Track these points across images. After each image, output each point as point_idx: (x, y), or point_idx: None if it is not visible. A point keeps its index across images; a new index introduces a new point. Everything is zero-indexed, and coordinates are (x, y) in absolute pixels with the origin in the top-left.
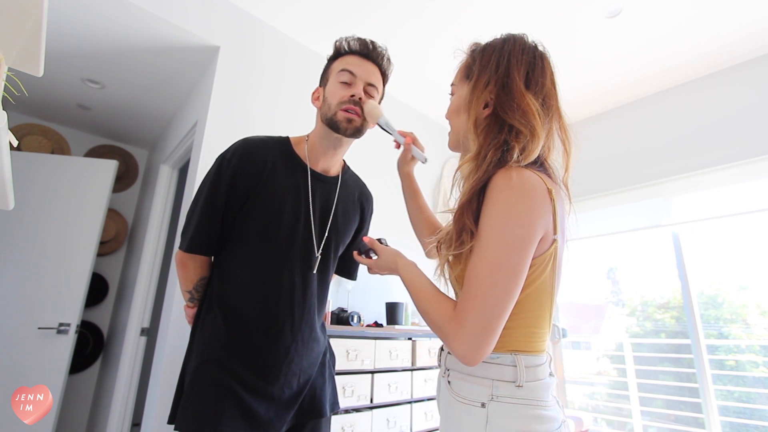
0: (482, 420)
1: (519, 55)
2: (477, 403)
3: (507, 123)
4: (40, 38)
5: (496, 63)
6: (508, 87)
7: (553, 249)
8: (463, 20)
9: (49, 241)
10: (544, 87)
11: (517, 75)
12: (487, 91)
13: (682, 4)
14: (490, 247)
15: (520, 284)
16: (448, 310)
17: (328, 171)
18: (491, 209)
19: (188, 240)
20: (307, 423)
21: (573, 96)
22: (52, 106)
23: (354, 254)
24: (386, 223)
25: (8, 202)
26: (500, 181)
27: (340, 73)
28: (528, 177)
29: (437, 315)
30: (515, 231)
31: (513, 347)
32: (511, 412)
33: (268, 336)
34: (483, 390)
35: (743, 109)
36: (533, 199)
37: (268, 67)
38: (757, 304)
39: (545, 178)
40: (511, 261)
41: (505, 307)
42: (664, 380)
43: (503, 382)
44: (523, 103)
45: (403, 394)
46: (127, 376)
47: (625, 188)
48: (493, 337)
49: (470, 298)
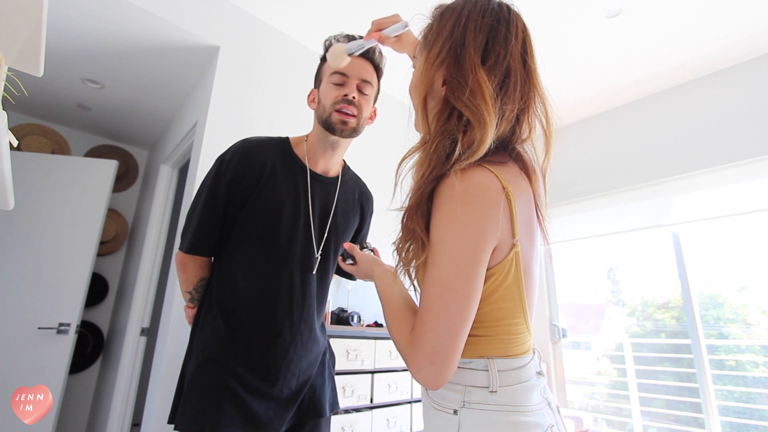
0: (454, 427)
1: (478, 20)
2: (449, 410)
3: (455, 107)
4: (40, 38)
5: (450, 29)
6: (460, 60)
7: (513, 254)
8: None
9: (49, 241)
10: (504, 60)
11: (472, 45)
12: (438, 65)
13: (682, 5)
14: (437, 266)
15: (473, 304)
16: (407, 333)
17: (328, 171)
18: (437, 221)
19: (188, 241)
20: (307, 423)
21: (572, 96)
22: (52, 106)
23: (338, 260)
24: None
25: (8, 202)
26: (445, 187)
27: (332, 75)
28: (476, 181)
29: (398, 336)
30: (462, 248)
31: (485, 353)
32: (483, 418)
33: (267, 336)
34: (455, 396)
35: (743, 110)
36: (482, 208)
37: (268, 67)
38: (758, 304)
39: (502, 174)
40: (460, 281)
41: (458, 330)
42: (664, 380)
43: (476, 387)
44: (473, 82)
45: (403, 394)
46: (127, 376)
47: (626, 188)
48: (450, 361)
49: (422, 322)
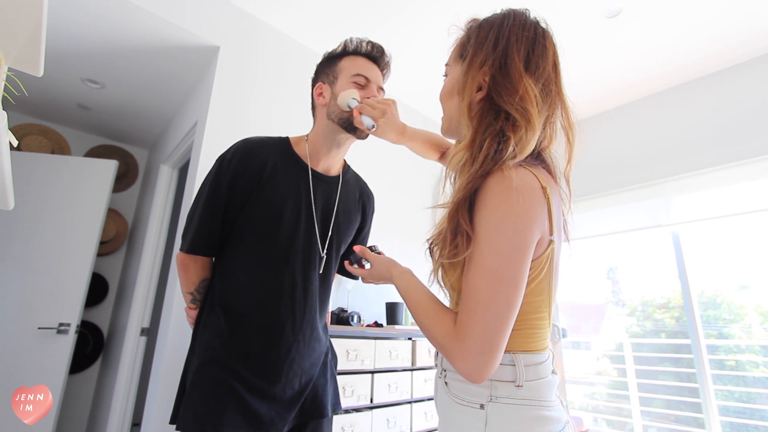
0: (481, 422)
1: (519, 33)
2: (476, 405)
3: (503, 109)
4: (40, 38)
5: (494, 41)
6: (506, 68)
7: (550, 250)
8: (464, 20)
9: (49, 241)
10: (545, 70)
11: (517, 55)
12: (481, 72)
13: (682, 5)
14: (487, 257)
15: (521, 294)
16: (448, 326)
17: (329, 170)
18: (485, 213)
19: (189, 241)
20: (309, 423)
21: (572, 96)
22: (52, 106)
23: (345, 264)
24: (387, 223)
25: (8, 202)
26: (494, 182)
27: (355, 76)
28: (523, 177)
29: (437, 331)
30: (512, 239)
31: (511, 347)
32: (511, 413)
33: (269, 336)
34: (482, 391)
35: (743, 110)
36: (529, 203)
37: (268, 67)
38: (757, 304)
39: (540, 175)
40: (510, 271)
41: (507, 320)
42: (664, 380)
43: (502, 382)
44: (521, 88)
45: (403, 394)
46: (127, 376)
47: (625, 188)
48: (498, 353)
49: (470, 313)
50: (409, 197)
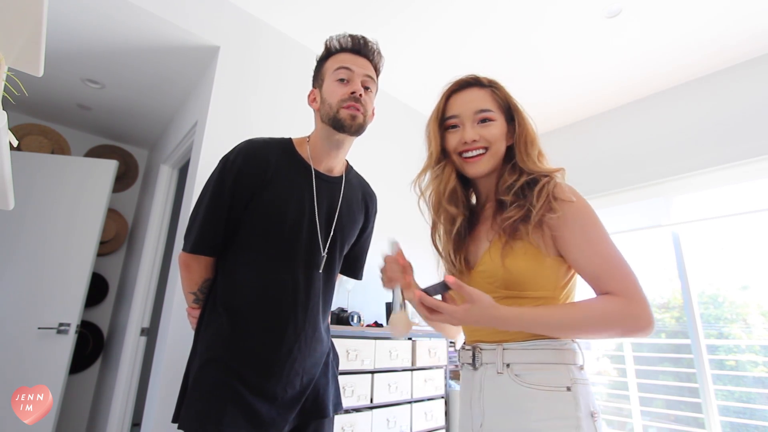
0: (572, 404)
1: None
2: (562, 388)
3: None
4: (40, 38)
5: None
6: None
7: None
8: (464, 20)
9: (49, 241)
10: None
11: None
12: None
13: (682, 5)
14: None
15: None
16: (614, 308)
17: (332, 171)
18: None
19: (192, 241)
20: (310, 423)
21: (572, 96)
22: (52, 106)
23: (420, 295)
24: (387, 224)
25: (8, 202)
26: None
27: (336, 71)
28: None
29: (613, 316)
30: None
31: None
32: (586, 392)
33: (271, 335)
34: (562, 375)
35: (743, 110)
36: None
37: (268, 67)
38: (758, 304)
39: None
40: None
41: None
42: (664, 380)
43: (573, 365)
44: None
45: (403, 394)
46: (127, 376)
47: (625, 188)
48: None
49: (630, 283)
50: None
